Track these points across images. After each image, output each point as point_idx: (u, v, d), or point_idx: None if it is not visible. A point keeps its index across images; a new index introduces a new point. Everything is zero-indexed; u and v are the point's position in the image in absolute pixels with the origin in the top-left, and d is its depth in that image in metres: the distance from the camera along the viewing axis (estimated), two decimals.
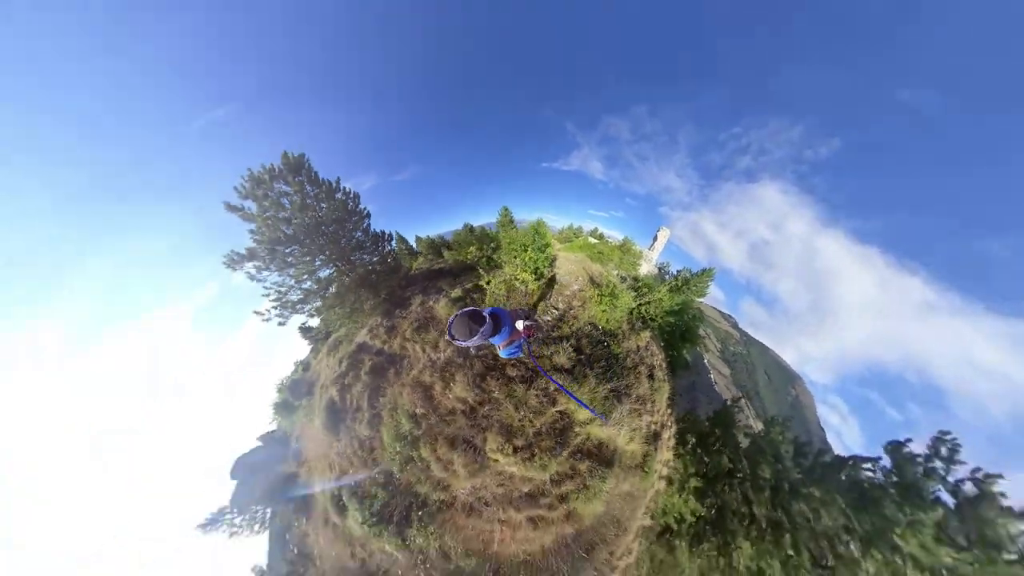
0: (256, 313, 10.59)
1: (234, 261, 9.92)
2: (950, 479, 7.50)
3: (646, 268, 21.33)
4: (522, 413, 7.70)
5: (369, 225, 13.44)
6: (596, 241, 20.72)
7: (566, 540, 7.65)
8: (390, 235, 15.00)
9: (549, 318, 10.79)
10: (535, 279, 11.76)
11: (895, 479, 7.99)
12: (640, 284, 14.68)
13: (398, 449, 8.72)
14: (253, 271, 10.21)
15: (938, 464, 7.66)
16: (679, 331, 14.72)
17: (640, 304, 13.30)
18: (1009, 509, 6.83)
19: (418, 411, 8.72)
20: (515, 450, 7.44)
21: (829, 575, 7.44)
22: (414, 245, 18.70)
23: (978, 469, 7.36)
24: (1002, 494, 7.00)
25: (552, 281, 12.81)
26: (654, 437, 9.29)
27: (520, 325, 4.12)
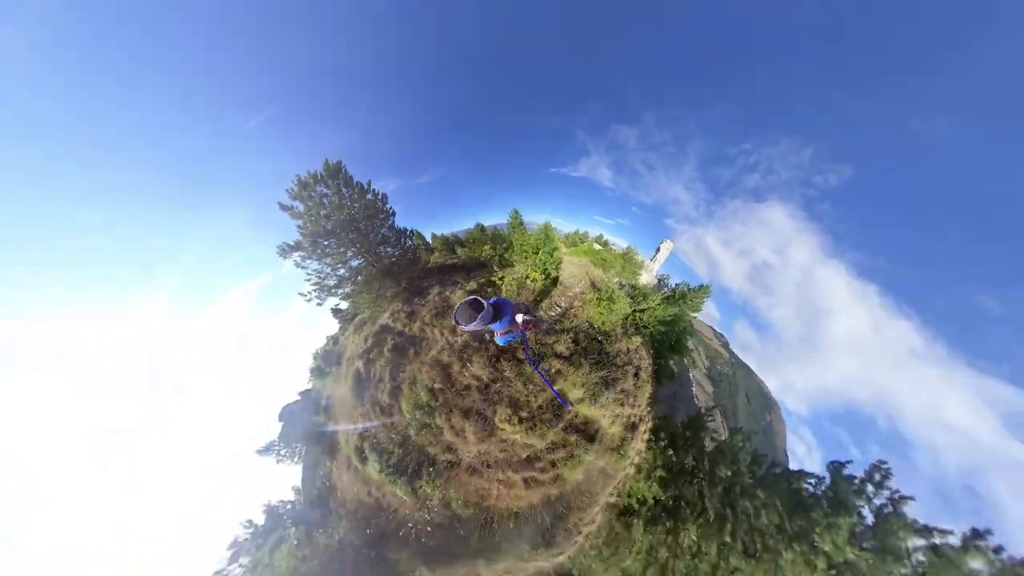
0: (300, 294, 12.65)
1: (284, 251, 12.02)
2: (876, 501, 9.02)
3: (646, 278, 23.13)
4: (529, 389, 9.65)
5: (393, 222, 15.37)
6: (600, 248, 22.50)
7: (550, 499, 9.63)
8: (411, 232, 17.00)
9: (553, 313, 12.73)
10: (543, 279, 13.69)
11: (830, 493, 9.47)
12: (637, 292, 16.43)
13: (417, 417, 10.71)
14: (299, 259, 12.29)
15: (869, 487, 9.18)
16: (669, 341, 16.32)
17: (635, 311, 15.09)
18: (910, 525, 8.34)
19: (436, 386, 10.72)
20: (520, 421, 9.41)
21: (754, 562, 8.99)
22: (430, 241, 20.67)
23: (896, 491, 8.94)
24: (915, 521, 8.50)
25: (555, 281, 14.69)
26: (632, 427, 11.21)
27: (519, 318, 4.53)
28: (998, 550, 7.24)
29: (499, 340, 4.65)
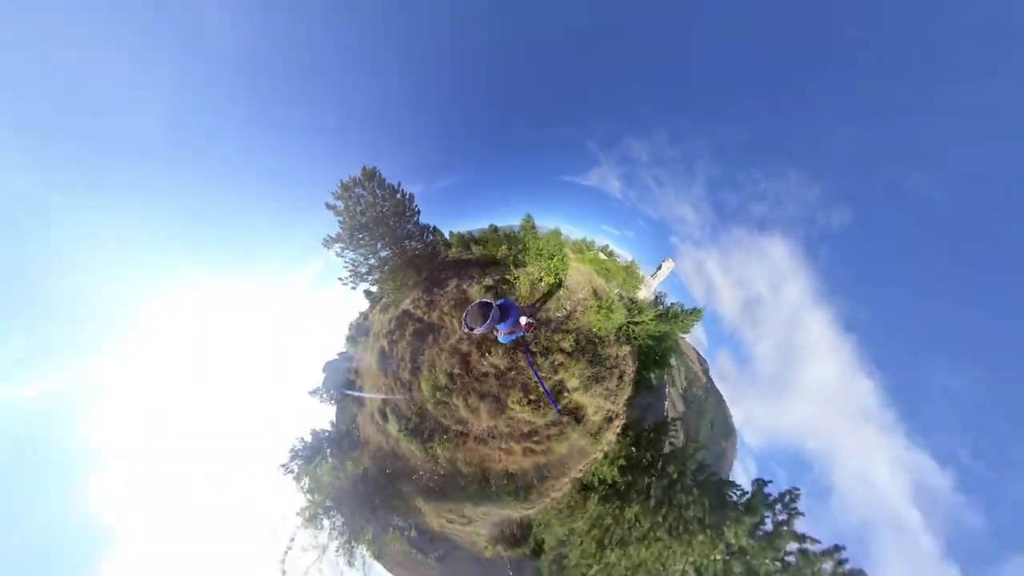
0: (339, 279, 15.41)
1: (327, 242, 14.73)
2: (780, 517, 11.59)
3: (644, 293, 25.86)
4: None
5: (418, 220, 18.03)
6: (605, 258, 25.13)
7: (538, 465, 12.57)
8: (432, 228, 19.60)
9: (561, 315, 15.62)
10: (554, 281, 16.39)
11: (747, 502, 12.15)
12: (634, 306, 19.06)
13: (437, 397, 13.48)
14: (339, 250, 14.98)
15: (779, 505, 11.79)
16: (654, 355, 18.73)
17: (629, 323, 17.74)
18: (792, 532, 10.91)
19: (455, 372, 13.48)
20: (529, 403, 12.31)
21: (674, 540, 11.61)
22: (448, 238, 23.26)
23: (795, 508, 11.70)
24: (802, 535, 11.12)
25: (559, 284, 17.31)
26: (609, 420, 14.10)
27: (523, 321, 5.39)
28: (843, 561, 10.19)
29: (501, 339, 5.63)
